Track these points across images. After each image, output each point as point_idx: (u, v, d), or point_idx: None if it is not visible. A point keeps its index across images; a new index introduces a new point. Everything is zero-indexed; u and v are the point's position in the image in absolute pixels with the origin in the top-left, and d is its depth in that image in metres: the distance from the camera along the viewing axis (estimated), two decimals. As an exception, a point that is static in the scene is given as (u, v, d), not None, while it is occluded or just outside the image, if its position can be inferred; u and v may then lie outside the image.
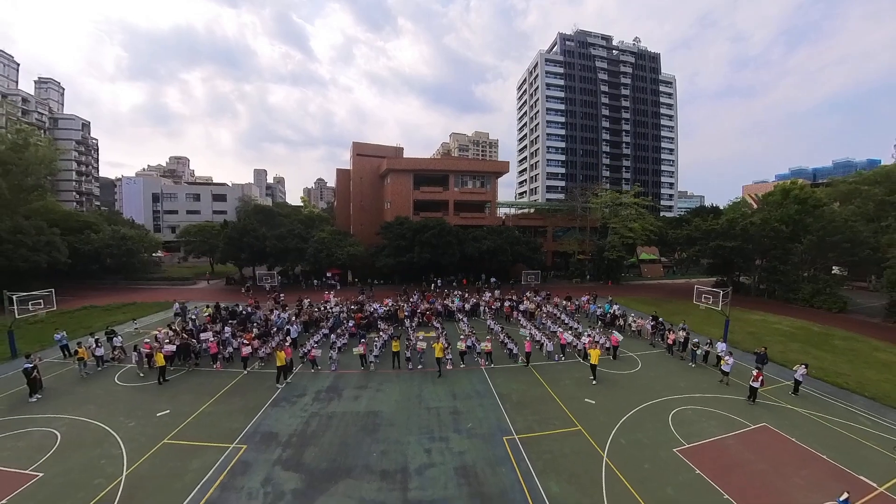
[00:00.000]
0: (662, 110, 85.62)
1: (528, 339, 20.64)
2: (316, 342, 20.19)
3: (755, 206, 44.02)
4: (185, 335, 19.96)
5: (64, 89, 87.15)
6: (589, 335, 21.33)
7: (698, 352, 20.03)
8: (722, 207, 49.63)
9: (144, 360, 18.27)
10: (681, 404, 15.49)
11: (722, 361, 17.71)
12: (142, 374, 17.77)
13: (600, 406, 15.28)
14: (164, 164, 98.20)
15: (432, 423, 13.78)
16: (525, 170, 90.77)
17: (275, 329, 22.39)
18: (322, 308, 27.10)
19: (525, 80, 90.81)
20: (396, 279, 44.75)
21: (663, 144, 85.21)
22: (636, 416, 14.45)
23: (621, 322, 25.65)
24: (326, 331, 23.07)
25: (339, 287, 40.80)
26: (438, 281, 42.39)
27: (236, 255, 40.79)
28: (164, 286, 43.40)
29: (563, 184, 79.02)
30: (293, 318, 23.94)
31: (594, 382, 17.42)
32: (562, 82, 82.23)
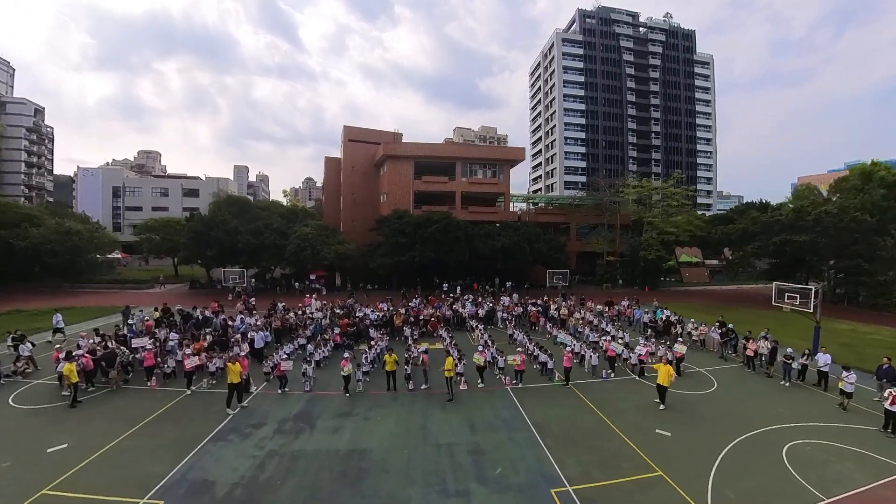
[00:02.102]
0: (698, 95, 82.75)
1: (568, 348, 17.27)
2: (287, 354, 16.85)
3: (824, 195, 40.67)
4: (113, 342, 16.72)
5: (14, 70, 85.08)
6: (645, 345, 17.97)
7: (794, 366, 16.61)
8: (773, 203, 46.36)
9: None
10: (792, 437, 12.14)
11: (840, 382, 14.31)
12: (65, 393, 14.45)
13: (680, 440, 11.91)
14: (132, 159, 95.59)
15: (444, 467, 10.40)
16: (539, 164, 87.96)
17: (236, 337, 19.08)
18: (300, 313, 23.80)
19: (539, 63, 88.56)
20: (394, 283, 41.48)
21: (699, 134, 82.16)
22: (736, 455, 11.07)
23: (678, 330, 22.25)
24: (303, 340, 19.78)
25: (324, 292, 37.53)
26: (444, 285, 39.10)
27: (201, 253, 37.59)
28: (114, 290, 40.27)
29: (583, 179, 76.13)
30: (261, 324, 20.63)
31: (662, 407, 14.09)
32: (581, 65, 79.78)
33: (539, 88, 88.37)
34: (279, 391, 15.13)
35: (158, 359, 16.29)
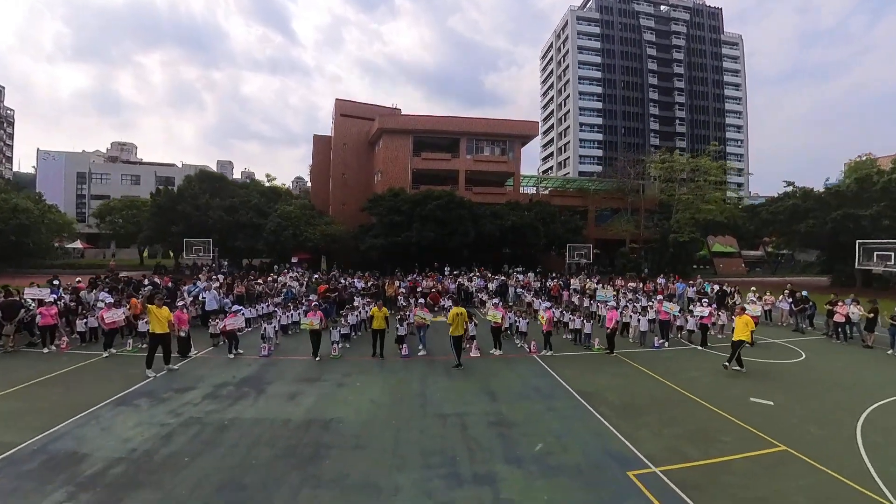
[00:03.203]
0: (726, 78, 79.87)
1: (611, 304, 14.08)
2: (239, 308, 13.59)
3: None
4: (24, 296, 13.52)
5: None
6: (707, 304, 14.74)
7: (907, 332, 13.36)
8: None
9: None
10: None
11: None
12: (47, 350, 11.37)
13: (789, 410, 8.70)
14: (105, 151, 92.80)
15: (452, 444, 7.12)
16: (552, 152, 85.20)
17: (184, 297, 15.78)
18: (270, 280, 20.59)
19: (551, 44, 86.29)
20: (388, 269, 38.20)
21: (728, 121, 79.10)
22: (879, 428, 7.79)
23: (736, 300, 18.94)
24: (272, 308, 16.52)
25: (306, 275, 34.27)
26: (447, 270, 35.84)
27: (165, 231, 34.33)
28: (66, 273, 37.07)
29: (599, 155, 73.41)
30: (218, 285, 17.32)
31: (743, 371, 10.94)
32: (598, 44, 77.35)
33: (551, 72, 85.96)
34: (229, 355, 11.87)
35: (66, 318, 13.10)
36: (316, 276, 21.31)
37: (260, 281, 19.61)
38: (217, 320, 13.06)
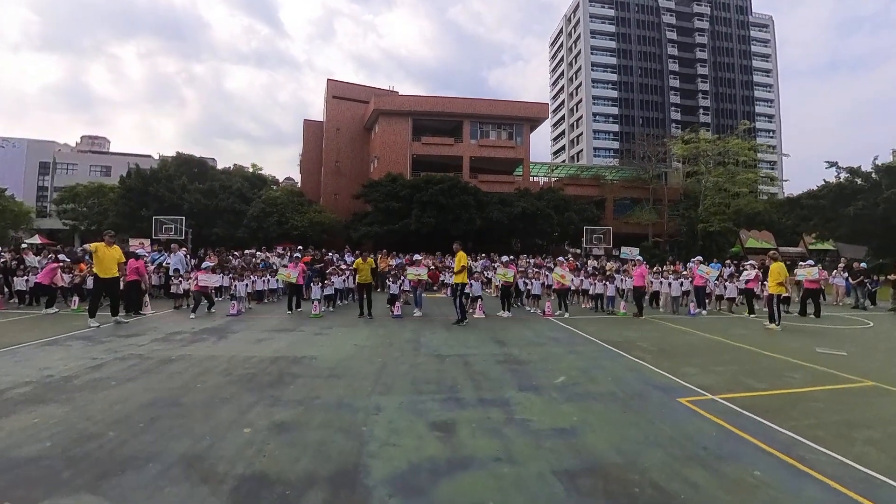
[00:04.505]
0: (755, 63, 79.31)
1: (641, 260, 13.21)
2: (209, 265, 12.65)
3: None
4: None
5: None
6: (752, 266, 13.82)
7: None
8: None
9: None
10: None
11: None
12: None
13: (866, 358, 7.68)
14: (75, 145, 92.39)
15: (453, 375, 6.14)
16: (564, 146, 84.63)
17: (149, 266, 14.89)
18: (248, 252, 19.73)
19: (561, 29, 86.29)
20: (383, 261, 37.32)
21: (758, 109, 78.42)
22: None
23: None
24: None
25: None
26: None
27: (135, 216, 33.48)
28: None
29: (614, 161, 72.52)
30: (184, 253, 16.41)
31: (778, 328, 10.36)
32: (612, 28, 77.12)
33: (562, 59, 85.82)
34: (191, 315, 10.90)
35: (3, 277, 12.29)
36: (297, 254, 20.38)
37: (236, 253, 18.74)
38: (180, 279, 12.16)
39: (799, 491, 3.15)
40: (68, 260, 13.16)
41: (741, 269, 18.72)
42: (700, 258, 14.36)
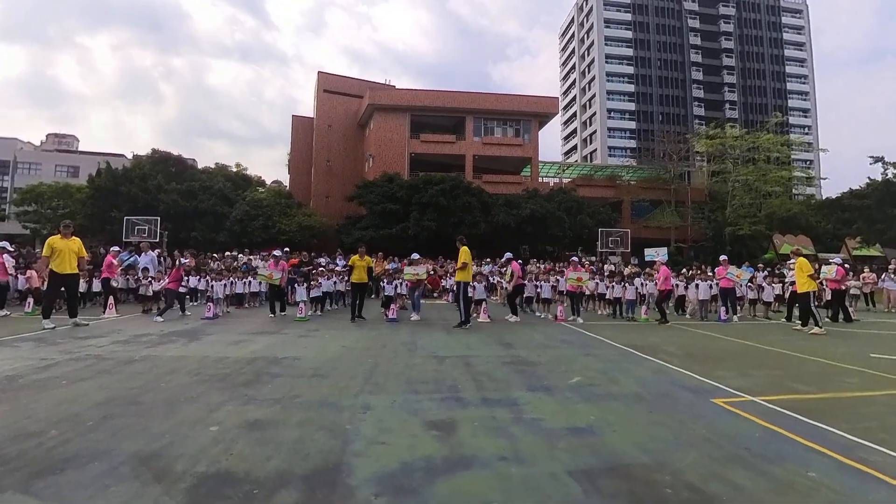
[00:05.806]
0: (788, 52, 79.40)
1: (664, 261, 13.05)
2: (185, 261, 12.47)
3: None
4: None
5: None
6: (790, 266, 13.62)
7: None
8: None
9: None
10: None
11: None
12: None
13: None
14: (40, 143, 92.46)
15: (454, 376, 5.90)
16: (576, 146, 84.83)
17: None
18: (229, 255, 19.57)
19: (573, 19, 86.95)
20: (378, 269, 37.19)
21: (791, 104, 78.40)
22: None
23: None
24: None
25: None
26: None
27: (104, 218, 33.34)
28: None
29: (632, 161, 72.67)
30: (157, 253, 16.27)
31: (823, 331, 10.32)
32: (628, 17, 77.60)
33: (573, 51, 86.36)
34: (157, 318, 10.64)
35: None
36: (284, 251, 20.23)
37: (216, 255, 18.58)
38: (150, 279, 11.96)
39: (866, 494, 2.90)
40: (11, 249, 12.77)
41: (777, 270, 18.51)
42: (725, 257, 14.09)
